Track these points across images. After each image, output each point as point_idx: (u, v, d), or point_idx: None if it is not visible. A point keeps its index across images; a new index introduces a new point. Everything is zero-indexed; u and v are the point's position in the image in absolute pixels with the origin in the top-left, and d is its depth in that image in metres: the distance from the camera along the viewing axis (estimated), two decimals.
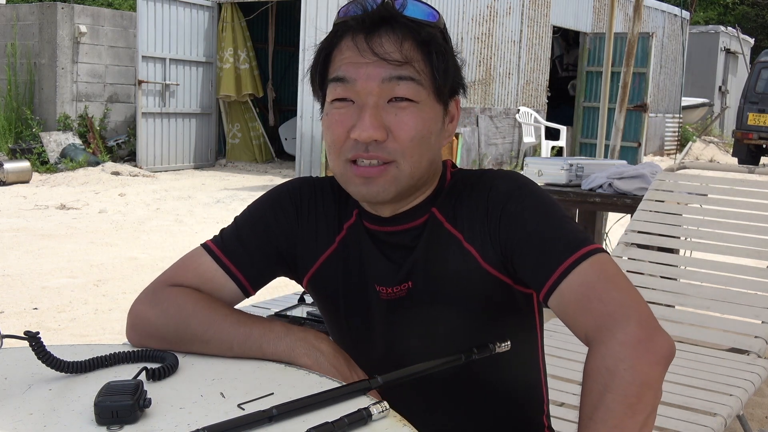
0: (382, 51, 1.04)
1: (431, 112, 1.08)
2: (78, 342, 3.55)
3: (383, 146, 1.05)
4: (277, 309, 2.13)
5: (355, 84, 1.05)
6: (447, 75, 1.09)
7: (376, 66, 1.05)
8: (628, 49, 5.06)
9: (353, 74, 1.05)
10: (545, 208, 1.08)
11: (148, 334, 1.12)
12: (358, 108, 1.06)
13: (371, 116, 1.04)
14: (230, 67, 11.02)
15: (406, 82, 1.05)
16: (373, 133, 1.04)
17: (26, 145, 9.88)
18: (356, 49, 1.06)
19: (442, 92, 1.09)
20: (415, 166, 1.08)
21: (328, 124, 1.09)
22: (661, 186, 3.02)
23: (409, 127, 1.06)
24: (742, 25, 22.58)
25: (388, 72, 1.04)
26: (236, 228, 1.20)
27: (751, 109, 13.97)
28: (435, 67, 1.07)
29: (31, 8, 10.52)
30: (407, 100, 1.06)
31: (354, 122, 1.06)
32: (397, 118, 1.05)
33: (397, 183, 1.08)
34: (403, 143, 1.06)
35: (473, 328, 1.13)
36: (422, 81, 1.06)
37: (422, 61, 1.06)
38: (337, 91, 1.07)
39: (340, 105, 1.07)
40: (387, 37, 1.05)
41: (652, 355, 0.93)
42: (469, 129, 10.80)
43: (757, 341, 2.39)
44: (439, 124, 1.10)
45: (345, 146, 1.07)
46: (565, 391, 1.96)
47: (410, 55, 1.05)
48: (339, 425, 0.85)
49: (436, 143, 1.11)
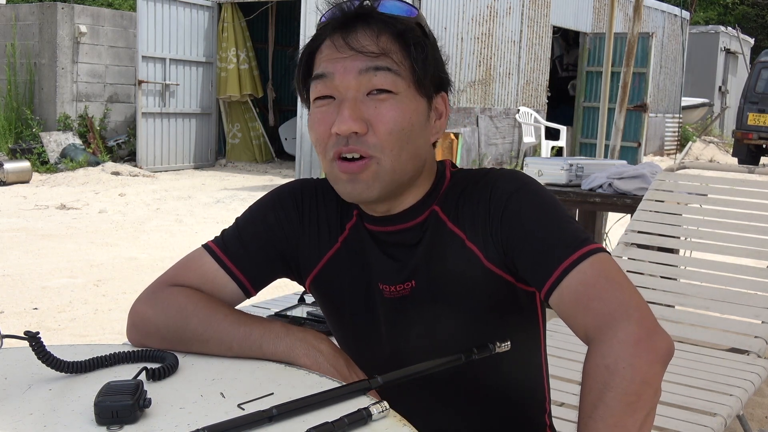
0: (358, 45, 1.05)
1: (412, 104, 1.08)
2: (78, 342, 3.55)
3: (363, 140, 1.06)
4: (277, 309, 2.13)
5: (333, 78, 1.06)
6: (426, 65, 1.09)
7: (353, 59, 1.05)
8: (628, 49, 5.06)
9: (331, 69, 1.06)
10: (547, 207, 1.08)
11: (149, 333, 1.12)
12: (338, 103, 1.06)
13: (350, 109, 1.05)
14: (233, 67, 11.02)
15: (383, 72, 1.05)
16: (352, 125, 1.04)
17: (26, 145, 9.88)
18: (334, 47, 1.07)
19: (423, 83, 1.09)
20: (396, 159, 1.07)
21: (311, 124, 1.10)
22: (661, 186, 3.02)
23: (388, 119, 1.06)
24: (742, 25, 22.59)
25: (364, 64, 1.05)
26: (237, 229, 1.20)
27: (751, 109, 13.97)
28: (413, 58, 1.07)
29: (31, 8, 10.52)
30: (386, 92, 1.06)
31: (335, 118, 1.06)
32: (377, 110, 1.06)
33: (379, 179, 1.07)
34: (383, 136, 1.06)
35: (476, 327, 1.13)
36: (400, 72, 1.06)
37: (400, 53, 1.07)
38: (318, 89, 1.08)
39: (322, 103, 1.08)
40: (363, 32, 1.06)
41: (652, 354, 0.93)
42: (469, 129, 10.79)
43: (757, 341, 2.39)
44: (422, 117, 1.10)
45: (328, 144, 1.08)
46: (566, 391, 1.96)
47: (387, 47, 1.06)
48: (339, 425, 0.85)
49: (420, 137, 1.10)
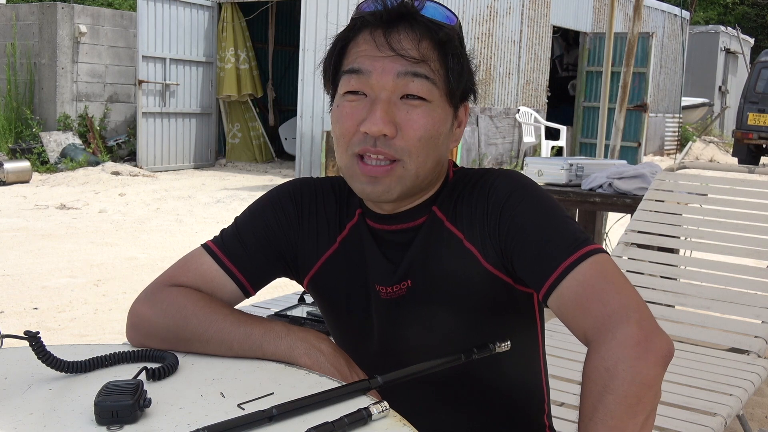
0: (399, 47, 1.05)
1: (442, 114, 1.08)
2: (78, 342, 3.55)
3: (391, 143, 1.05)
4: (277, 309, 2.14)
5: (370, 76, 1.05)
6: (461, 78, 1.09)
7: (393, 61, 1.05)
8: (628, 49, 5.07)
9: (369, 66, 1.05)
10: (545, 207, 1.07)
11: (148, 333, 1.12)
12: (370, 102, 1.06)
13: (383, 110, 1.04)
14: (231, 67, 11.02)
15: (420, 80, 1.05)
16: (383, 128, 1.04)
17: (26, 145, 9.88)
18: (374, 43, 1.06)
19: (454, 95, 1.09)
20: (421, 166, 1.08)
21: (338, 116, 1.09)
22: (661, 186, 3.02)
23: (419, 126, 1.06)
24: (742, 25, 22.58)
25: (404, 67, 1.05)
26: (236, 228, 1.20)
27: (751, 109, 13.97)
28: (450, 69, 1.07)
29: (31, 8, 10.52)
30: (419, 99, 1.06)
31: (364, 116, 1.05)
32: (408, 115, 1.05)
33: (402, 183, 1.08)
34: (411, 142, 1.06)
35: (474, 328, 1.13)
36: (436, 81, 1.06)
37: (438, 61, 1.06)
38: (351, 83, 1.07)
39: (353, 98, 1.07)
40: (405, 33, 1.05)
41: (651, 356, 0.93)
42: (469, 129, 10.79)
43: (757, 341, 2.39)
44: (448, 126, 1.10)
45: (354, 140, 1.07)
46: (566, 391, 1.96)
47: (427, 54, 1.06)
48: (339, 425, 0.85)
49: (444, 145, 1.11)
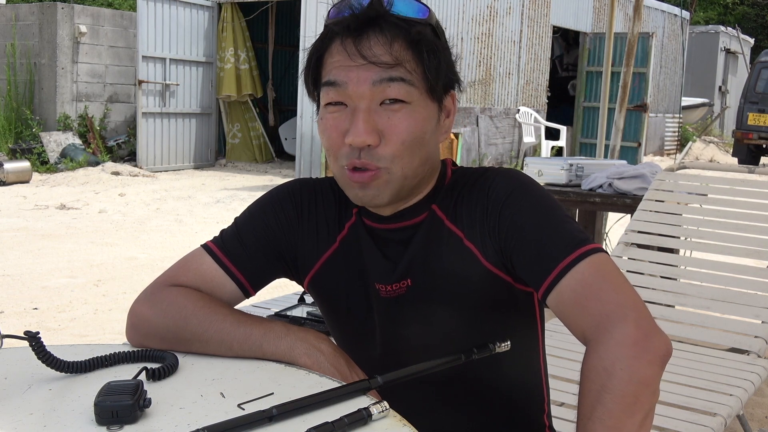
0: (371, 54, 1.04)
1: (425, 112, 1.08)
2: (78, 342, 3.55)
3: (374, 153, 1.05)
4: (277, 309, 2.14)
5: (346, 87, 1.05)
6: (439, 72, 1.08)
7: (367, 69, 1.04)
8: (628, 49, 5.07)
9: (344, 78, 1.05)
10: (545, 206, 1.07)
11: (148, 334, 1.12)
12: (351, 111, 1.06)
13: (364, 120, 1.04)
14: (231, 67, 11.02)
15: (397, 83, 1.04)
16: (366, 138, 1.04)
17: (26, 145, 9.88)
18: (345, 53, 1.05)
19: (435, 90, 1.09)
20: (407, 167, 1.07)
21: (323, 129, 1.10)
22: (661, 186, 3.02)
23: (401, 130, 1.05)
24: (742, 25, 22.58)
25: (378, 74, 1.04)
26: (236, 229, 1.20)
27: (751, 109, 13.97)
28: (426, 66, 1.06)
29: (31, 8, 10.51)
30: (399, 102, 1.05)
31: (347, 126, 1.05)
32: (390, 121, 1.05)
33: (390, 186, 1.08)
34: (395, 147, 1.05)
35: (474, 327, 1.13)
36: (414, 81, 1.05)
37: (413, 61, 1.06)
38: (330, 95, 1.07)
39: (334, 109, 1.07)
40: (376, 39, 1.04)
41: (650, 355, 0.93)
42: (469, 129, 10.79)
43: (757, 341, 2.39)
44: (433, 122, 1.10)
45: (341, 152, 1.07)
46: (565, 390, 1.96)
47: (400, 56, 1.05)
48: (339, 425, 0.85)
49: (431, 141, 1.10)
